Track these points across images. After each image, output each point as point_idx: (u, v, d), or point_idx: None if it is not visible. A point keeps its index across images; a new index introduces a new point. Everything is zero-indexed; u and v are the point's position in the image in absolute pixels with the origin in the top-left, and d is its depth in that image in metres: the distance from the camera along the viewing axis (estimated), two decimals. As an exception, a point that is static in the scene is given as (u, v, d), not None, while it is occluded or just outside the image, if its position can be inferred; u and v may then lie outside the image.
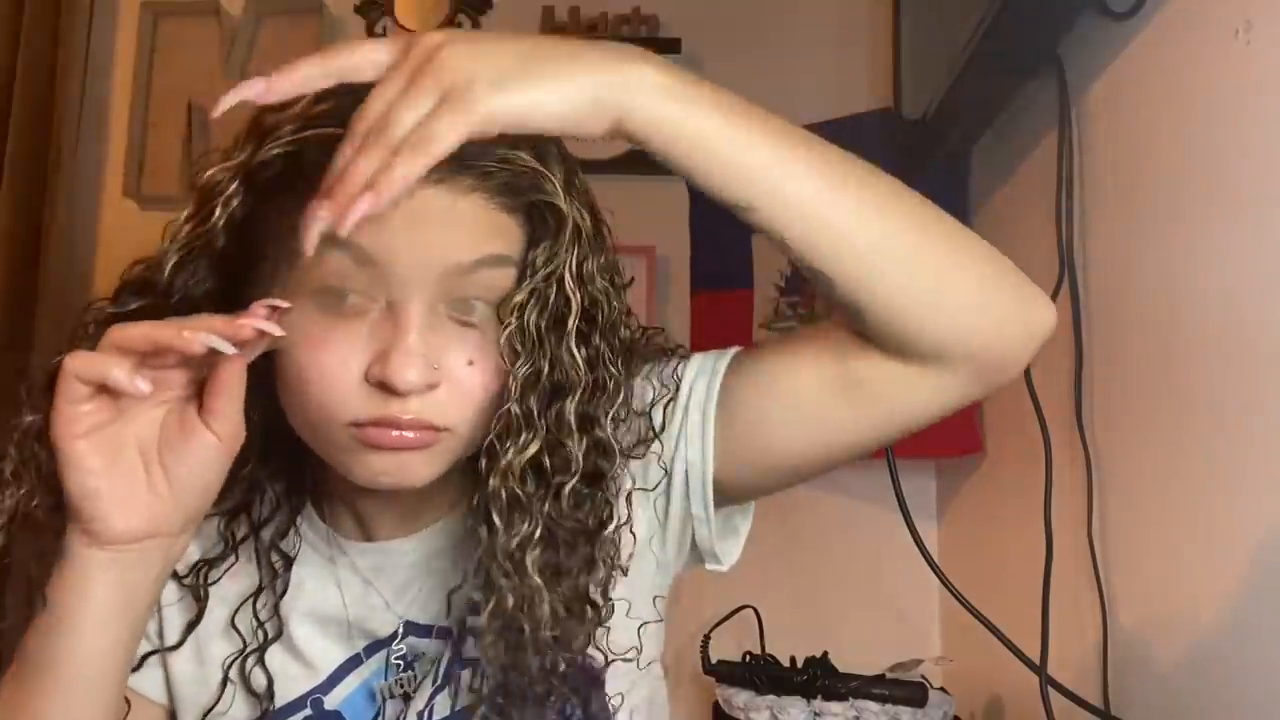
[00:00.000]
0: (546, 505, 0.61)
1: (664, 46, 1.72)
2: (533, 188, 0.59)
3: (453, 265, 0.57)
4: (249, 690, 0.69)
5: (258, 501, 0.71)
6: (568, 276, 0.59)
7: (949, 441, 1.46)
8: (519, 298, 0.59)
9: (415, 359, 0.56)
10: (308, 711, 0.69)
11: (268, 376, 0.60)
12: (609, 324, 0.62)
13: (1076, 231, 1.05)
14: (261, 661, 0.69)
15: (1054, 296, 1.06)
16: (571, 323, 0.60)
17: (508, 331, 0.59)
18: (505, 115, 0.51)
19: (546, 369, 0.59)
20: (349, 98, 0.55)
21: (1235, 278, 0.78)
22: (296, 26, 1.77)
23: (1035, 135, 1.19)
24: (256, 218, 0.59)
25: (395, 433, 0.58)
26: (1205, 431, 0.81)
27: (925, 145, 1.33)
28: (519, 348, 0.59)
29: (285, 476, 0.71)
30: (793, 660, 1.24)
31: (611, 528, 0.63)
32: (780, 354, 0.66)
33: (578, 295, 0.60)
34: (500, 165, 0.57)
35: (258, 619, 0.69)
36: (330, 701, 0.69)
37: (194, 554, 0.69)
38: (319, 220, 0.50)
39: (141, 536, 0.57)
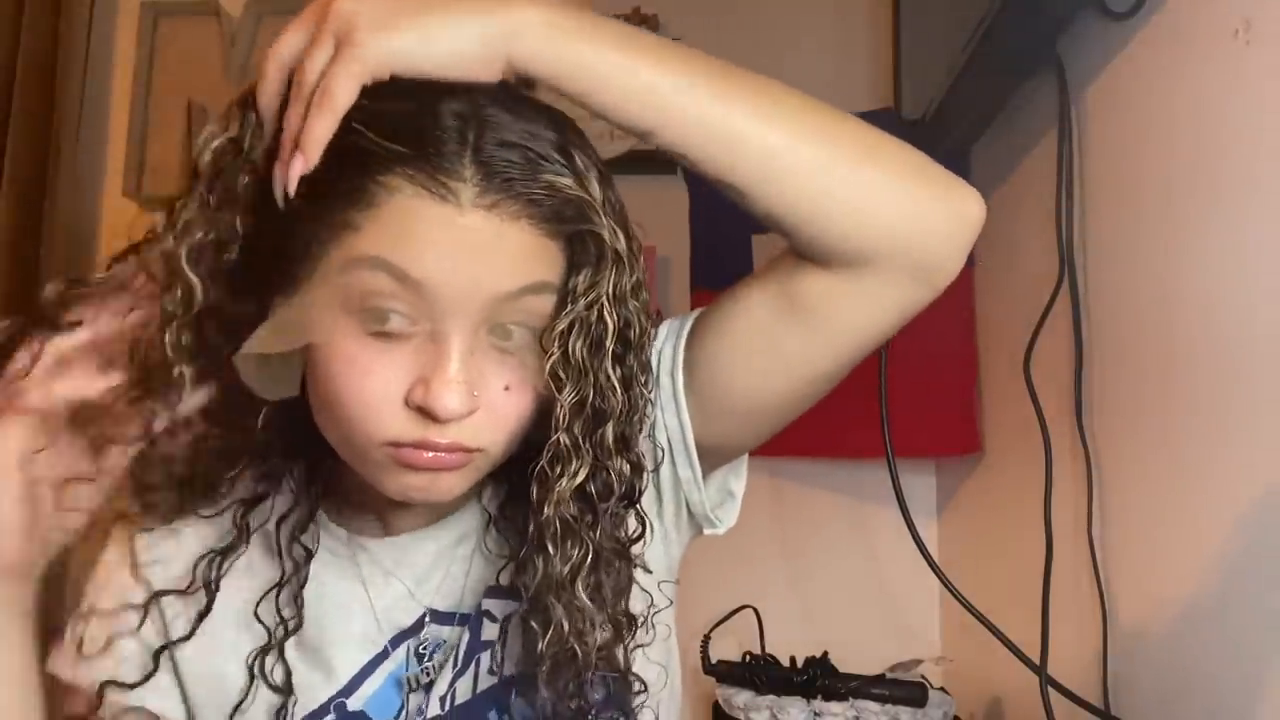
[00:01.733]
0: (595, 530, 0.62)
1: (664, 46, 1.73)
2: (579, 216, 0.58)
3: (498, 293, 0.57)
4: (270, 686, 0.69)
5: (273, 494, 0.71)
6: (605, 301, 0.60)
7: (949, 441, 1.46)
8: (561, 326, 0.59)
9: (458, 387, 0.56)
10: (331, 717, 0.69)
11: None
12: (639, 343, 0.63)
13: (1076, 231, 1.05)
14: (282, 655, 0.69)
15: (1054, 296, 1.06)
16: (609, 345, 0.60)
17: (551, 360, 0.59)
18: (394, 59, 0.53)
19: (591, 395, 0.60)
20: (397, 114, 0.56)
21: (1235, 277, 0.78)
22: (296, 26, 1.77)
23: (1035, 135, 1.19)
24: (278, 224, 0.58)
25: (430, 454, 0.58)
26: (1205, 431, 0.81)
27: (925, 145, 1.31)
28: (563, 375, 0.59)
29: (304, 471, 0.71)
30: (793, 660, 1.24)
31: (642, 544, 0.65)
32: (731, 297, 0.67)
33: (614, 317, 0.60)
34: (547, 193, 0.57)
35: (280, 613, 0.69)
36: (354, 703, 0.70)
37: (202, 546, 0.69)
38: (276, 181, 0.54)
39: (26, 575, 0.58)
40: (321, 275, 0.57)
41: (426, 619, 0.71)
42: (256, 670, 0.69)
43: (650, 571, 0.68)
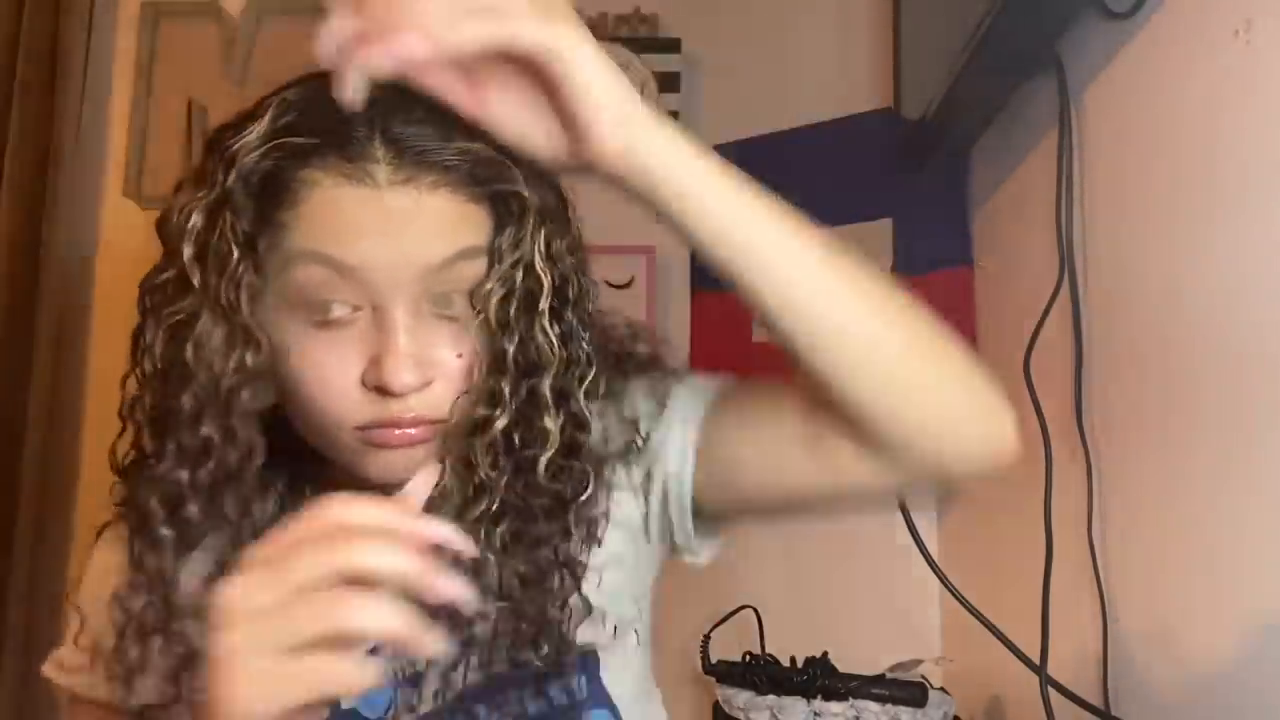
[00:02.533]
0: (519, 479, 0.63)
1: (664, 46, 1.72)
2: (496, 177, 0.60)
3: (430, 264, 0.58)
4: None
5: (260, 500, 0.71)
6: (538, 258, 0.61)
7: (949, 441, 1.46)
8: (488, 286, 0.60)
9: (406, 360, 0.58)
10: (324, 713, 0.69)
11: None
12: (579, 299, 0.64)
13: (1076, 231, 1.05)
14: None
15: (1054, 296, 1.06)
16: (544, 303, 0.61)
17: (480, 320, 0.60)
18: (538, 50, 0.53)
19: (514, 349, 0.61)
20: (306, 111, 0.58)
21: (1235, 277, 0.78)
22: (297, 26, 1.76)
23: (1035, 135, 1.19)
24: (234, 241, 0.59)
25: (398, 431, 0.59)
26: (1205, 431, 0.81)
27: (925, 145, 1.33)
28: (486, 330, 0.61)
29: (287, 474, 0.71)
30: (793, 660, 1.24)
31: (586, 495, 0.65)
32: (764, 397, 0.68)
33: (548, 275, 0.61)
34: (460, 158, 0.58)
35: None
36: (346, 701, 0.70)
37: (206, 566, 0.68)
38: (355, 62, 0.53)
39: None
40: (267, 280, 0.59)
41: None
42: None
43: (601, 545, 0.67)
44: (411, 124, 0.58)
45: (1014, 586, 1.14)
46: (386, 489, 0.64)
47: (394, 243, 0.57)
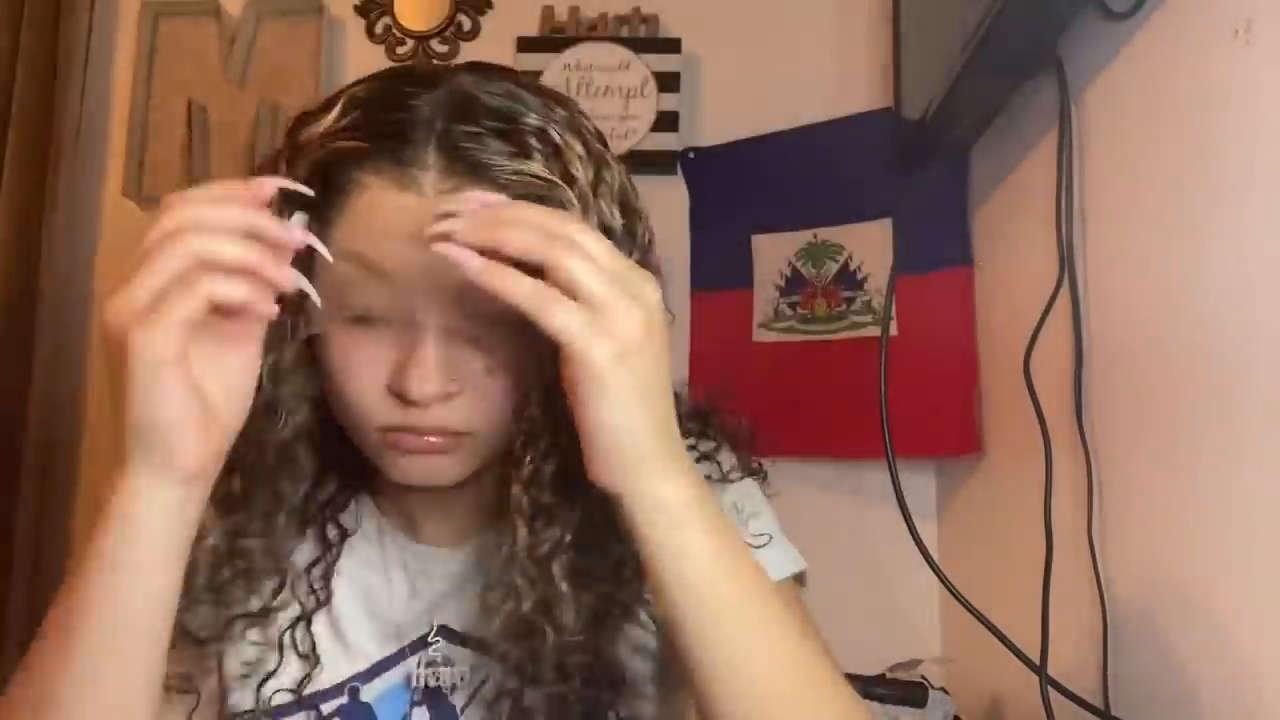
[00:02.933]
0: (576, 509, 0.62)
1: (664, 46, 1.72)
2: (550, 199, 0.58)
3: (465, 278, 0.57)
4: (299, 654, 0.70)
5: (322, 485, 0.72)
6: None
7: (949, 441, 1.46)
8: None
9: (429, 373, 0.58)
10: (344, 700, 0.70)
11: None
12: None
13: (1076, 231, 1.04)
14: (309, 627, 0.70)
15: (1054, 296, 1.06)
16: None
17: (532, 339, 0.58)
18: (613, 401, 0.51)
19: None
20: (369, 110, 0.58)
21: (1235, 277, 0.78)
22: (296, 26, 1.76)
23: (1035, 135, 1.19)
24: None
25: (421, 438, 0.60)
26: (1205, 431, 0.81)
27: (925, 145, 1.33)
28: (542, 356, 0.58)
29: (349, 463, 0.71)
30: (793, 660, 1.24)
31: None
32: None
33: None
34: (515, 177, 0.57)
35: (312, 585, 0.70)
36: (366, 694, 0.70)
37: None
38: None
39: (208, 465, 0.53)
40: (316, 274, 0.58)
41: (438, 636, 0.71)
42: (287, 640, 0.69)
43: None
44: (469, 134, 0.57)
45: (1014, 586, 1.14)
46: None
47: (430, 252, 0.56)
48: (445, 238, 0.52)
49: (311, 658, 0.69)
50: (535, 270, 0.51)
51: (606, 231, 0.60)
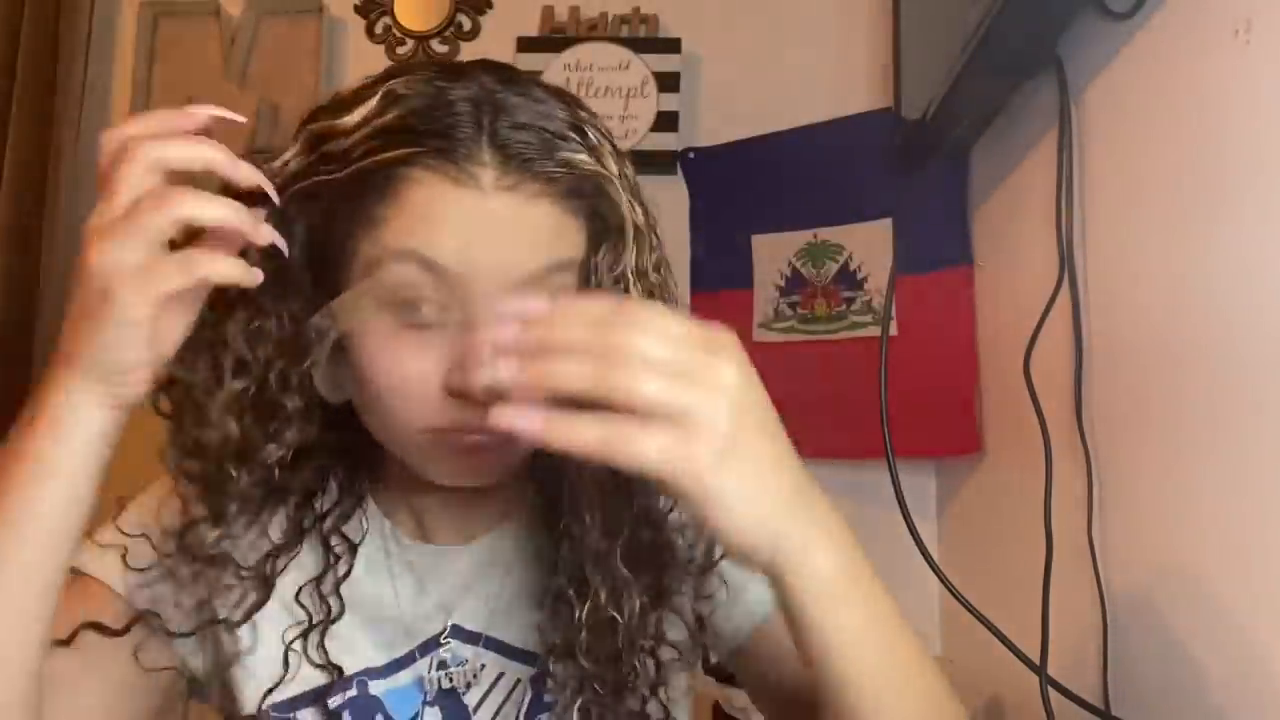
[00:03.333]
0: (631, 501, 0.63)
1: (664, 46, 1.73)
2: (596, 191, 0.59)
3: (526, 273, 0.58)
4: (314, 664, 0.70)
5: (321, 492, 0.71)
6: (630, 276, 0.61)
7: (949, 441, 1.46)
8: None
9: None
10: (353, 692, 0.70)
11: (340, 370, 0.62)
12: None
13: (1076, 231, 1.04)
14: (322, 640, 0.70)
15: (1054, 296, 1.06)
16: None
17: None
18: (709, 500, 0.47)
19: None
20: (413, 107, 0.57)
21: (1235, 277, 0.78)
22: (296, 26, 1.77)
23: (1035, 135, 1.19)
24: (324, 226, 0.60)
25: (469, 438, 0.59)
26: (1205, 431, 0.81)
27: (925, 145, 1.33)
28: None
29: (348, 466, 0.71)
30: (793, 660, 1.24)
31: (675, 514, 0.66)
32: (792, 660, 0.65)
33: (638, 291, 0.61)
34: (564, 170, 0.58)
35: (322, 597, 0.70)
36: (375, 688, 0.70)
37: (265, 544, 0.69)
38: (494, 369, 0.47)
39: (141, 387, 0.55)
40: (355, 274, 0.58)
41: (449, 635, 0.71)
42: (298, 647, 0.69)
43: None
44: (518, 130, 0.57)
45: (1014, 586, 1.14)
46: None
47: (493, 248, 0.56)
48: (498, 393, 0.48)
49: (328, 668, 0.69)
50: None
51: (635, 229, 0.61)
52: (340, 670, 0.69)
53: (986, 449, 1.41)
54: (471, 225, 0.56)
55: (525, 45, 1.74)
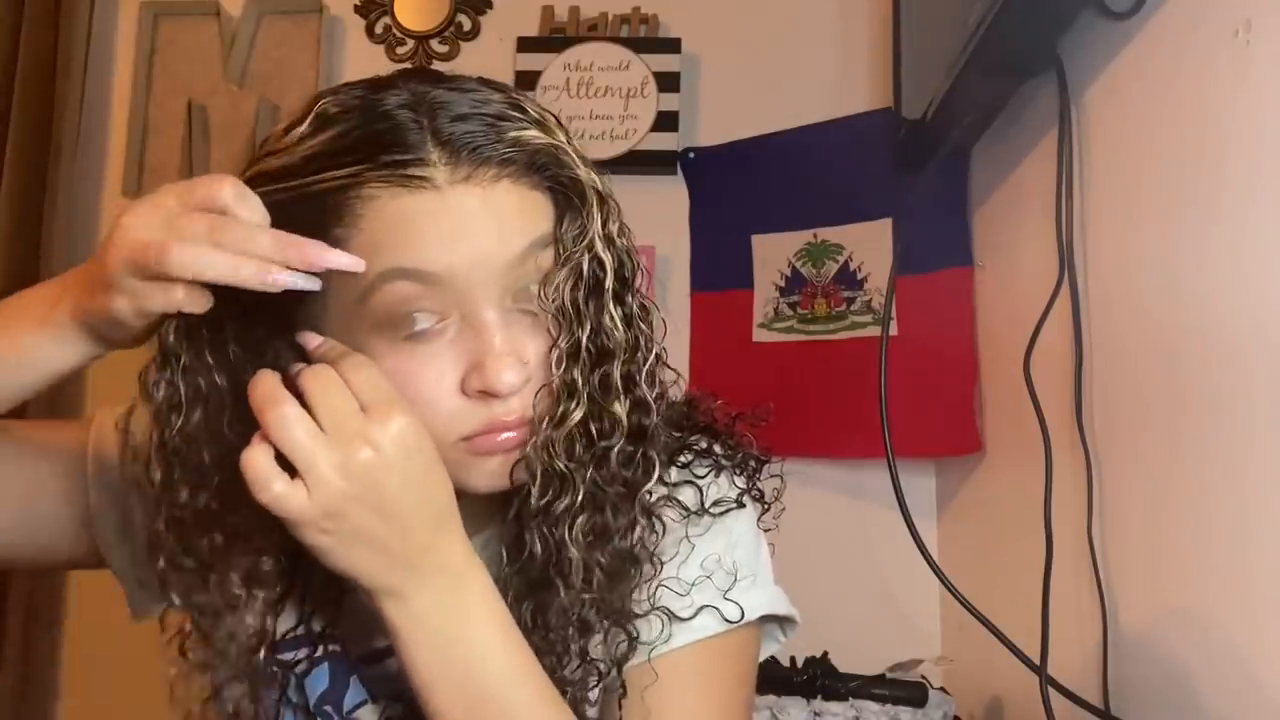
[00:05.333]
0: (594, 470, 0.62)
1: (664, 46, 1.73)
2: (553, 162, 0.59)
3: (509, 259, 0.58)
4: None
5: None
6: (598, 241, 0.60)
7: (949, 441, 1.46)
8: (560, 276, 0.60)
9: (509, 360, 0.58)
10: (335, 646, 0.70)
11: None
12: (633, 281, 0.64)
13: (1076, 231, 1.05)
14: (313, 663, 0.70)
15: (1054, 296, 1.06)
16: (609, 285, 0.61)
17: (554, 310, 0.60)
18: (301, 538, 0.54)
19: (586, 338, 0.60)
20: (349, 124, 0.57)
21: (1235, 277, 0.78)
22: (296, 26, 1.77)
23: (1035, 135, 1.19)
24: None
25: (501, 436, 0.59)
26: (1205, 431, 0.81)
27: (925, 145, 1.33)
28: (560, 321, 0.60)
29: None
30: (793, 660, 1.24)
31: (650, 483, 0.64)
32: None
33: (609, 256, 0.61)
34: (516, 149, 0.58)
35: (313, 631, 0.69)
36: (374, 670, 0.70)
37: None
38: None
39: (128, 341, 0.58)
40: (333, 300, 0.58)
41: None
42: (295, 655, 0.69)
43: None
44: (458, 121, 0.57)
45: (1014, 586, 1.14)
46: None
47: (470, 243, 0.56)
48: None
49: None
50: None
51: (601, 199, 0.60)
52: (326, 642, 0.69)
53: (986, 449, 1.41)
54: (439, 227, 0.56)
55: (525, 45, 1.74)
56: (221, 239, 0.52)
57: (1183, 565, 0.85)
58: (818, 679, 1.18)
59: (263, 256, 0.53)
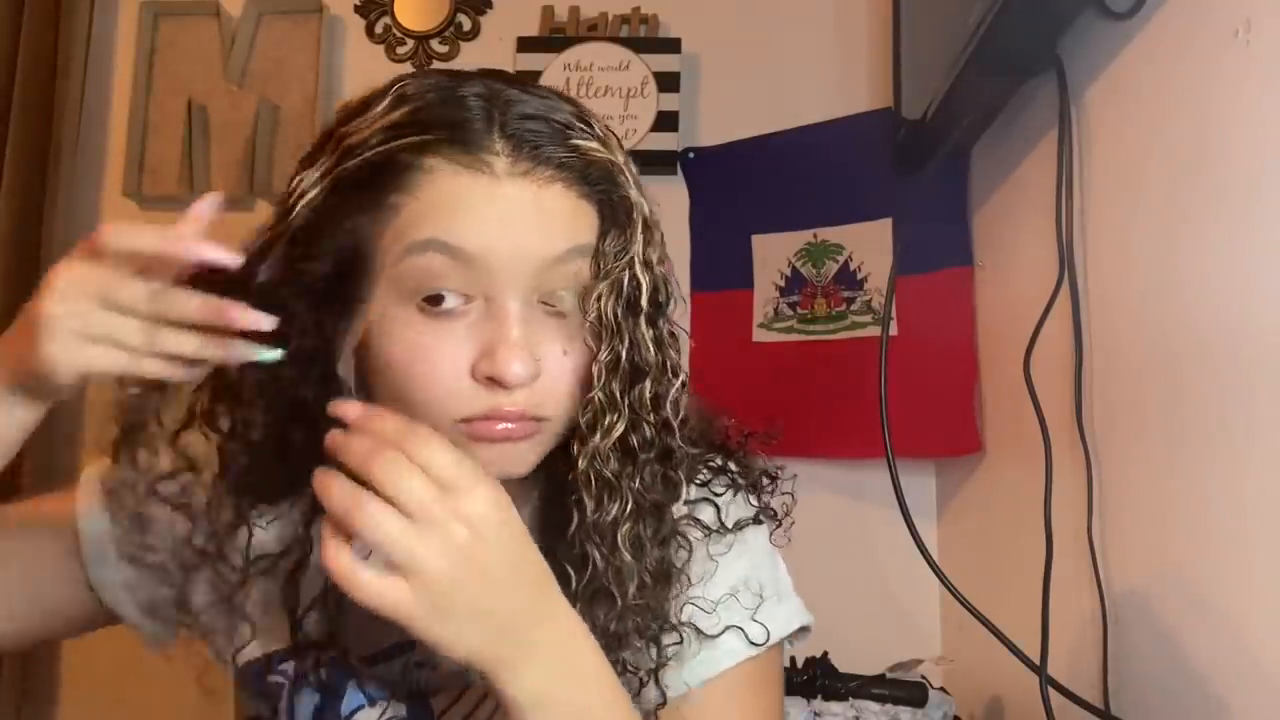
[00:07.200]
0: (635, 482, 0.63)
1: (664, 46, 1.73)
2: (606, 177, 0.61)
3: (546, 258, 0.59)
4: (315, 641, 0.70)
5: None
6: (638, 262, 0.62)
7: (949, 441, 1.46)
8: (600, 288, 0.61)
9: (521, 352, 0.58)
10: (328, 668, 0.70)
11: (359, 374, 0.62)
12: (667, 308, 0.65)
13: (1076, 231, 1.05)
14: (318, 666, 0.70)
15: (1054, 296, 1.06)
16: (644, 306, 0.62)
17: (590, 320, 0.61)
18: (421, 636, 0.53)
19: (625, 353, 0.61)
20: (425, 101, 0.59)
21: (1234, 277, 0.78)
22: (296, 26, 1.77)
23: (1035, 135, 1.19)
24: (342, 221, 0.60)
25: (502, 426, 0.60)
26: (1205, 431, 0.81)
27: (925, 145, 1.33)
28: (602, 335, 0.61)
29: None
30: (793, 660, 1.24)
31: (677, 501, 0.66)
32: None
33: (646, 279, 0.62)
34: (575, 156, 0.60)
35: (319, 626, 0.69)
36: (347, 675, 0.70)
37: (271, 545, 0.70)
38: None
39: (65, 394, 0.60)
40: (377, 267, 0.59)
41: None
42: (305, 625, 0.69)
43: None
44: (527, 120, 0.59)
45: (1014, 586, 1.14)
46: None
47: (513, 233, 0.58)
48: None
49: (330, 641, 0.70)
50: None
51: (646, 224, 0.62)
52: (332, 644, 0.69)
53: (986, 449, 1.41)
54: (487, 211, 0.58)
55: (525, 45, 1.74)
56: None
57: (1183, 565, 0.85)
58: (818, 679, 1.18)
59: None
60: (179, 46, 1.78)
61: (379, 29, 1.79)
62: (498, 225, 0.58)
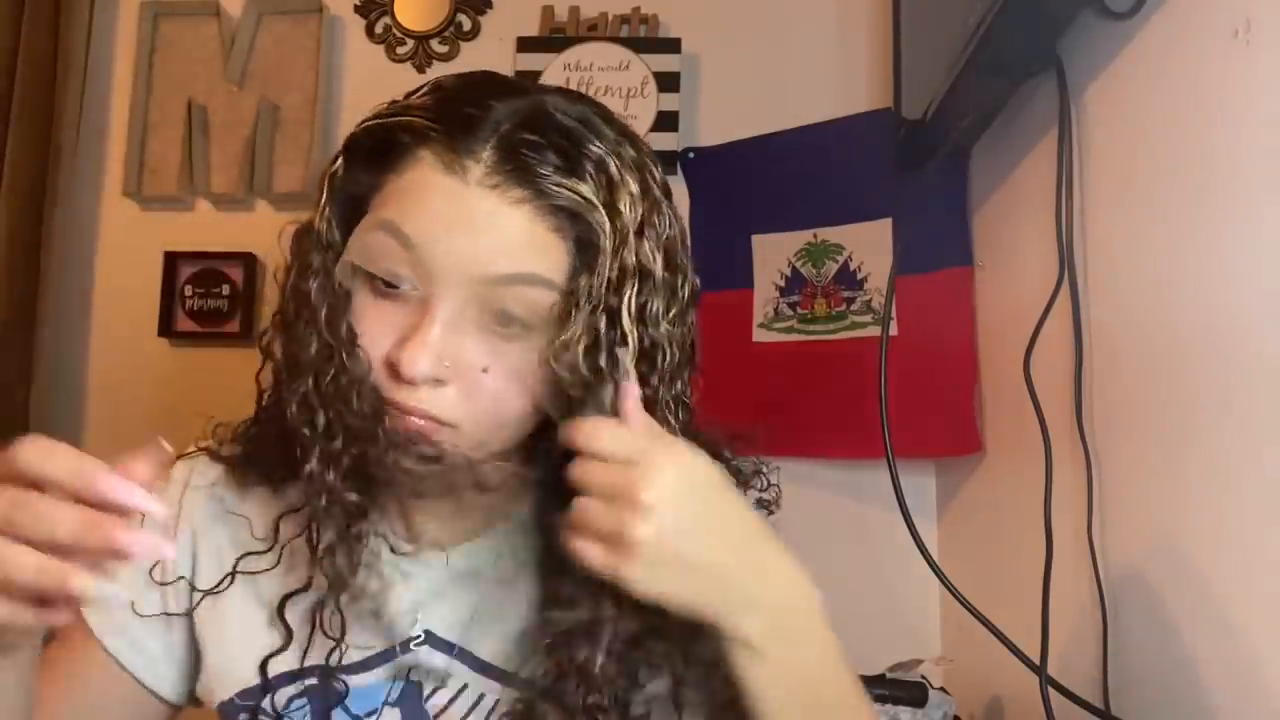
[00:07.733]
0: None
1: (664, 46, 1.73)
2: (580, 220, 0.59)
3: (487, 274, 0.59)
4: (325, 634, 0.70)
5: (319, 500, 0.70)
6: (625, 315, 0.60)
7: (949, 441, 1.46)
8: (567, 333, 0.59)
9: (426, 352, 0.58)
10: (313, 680, 0.69)
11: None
12: (669, 371, 0.64)
13: (1076, 231, 1.05)
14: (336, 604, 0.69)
15: (1054, 296, 1.06)
16: (628, 360, 0.60)
17: (559, 365, 0.60)
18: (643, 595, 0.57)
19: (591, 408, 0.60)
20: (448, 96, 0.61)
21: (1235, 277, 0.78)
22: (296, 26, 1.77)
23: (1035, 135, 1.19)
24: (353, 194, 0.64)
25: (408, 418, 0.60)
26: (1205, 431, 0.81)
27: (925, 145, 1.33)
28: (568, 379, 0.60)
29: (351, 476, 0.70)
30: (793, 660, 1.24)
31: None
32: None
33: (635, 334, 0.61)
34: (558, 189, 0.59)
35: (334, 565, 0.68)
36: (341, 681, 0.70)
37: (273, 509, 0.70)
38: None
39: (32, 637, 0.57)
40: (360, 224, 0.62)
41: (424, 640, 0.70)
42: (312, 619, 0.69)
43: None
44: (533, 144, 0.59)
45: (1014, 586, 1.15)
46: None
47: (457, 238, 0.58)
48: None
49: (339, 640, 0.69)
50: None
51: (643, 275, 0.61)
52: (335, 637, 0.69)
53: (986, 449, 1.41)
54: (443, 209, 0.58)
55: (525, 45, 1.74)
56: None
57: (1183, 565, 0.85)
58: (818, 679, 1.18)
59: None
60: (179, 46, 1.78)
61: (379, 29, 1.79)
62: (445, 226, 0.58)
